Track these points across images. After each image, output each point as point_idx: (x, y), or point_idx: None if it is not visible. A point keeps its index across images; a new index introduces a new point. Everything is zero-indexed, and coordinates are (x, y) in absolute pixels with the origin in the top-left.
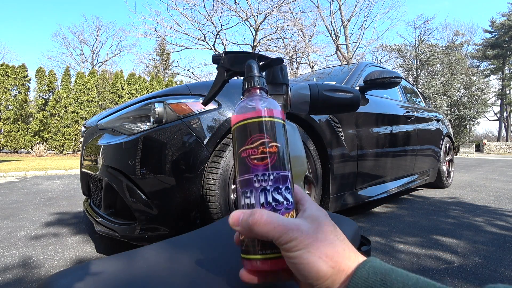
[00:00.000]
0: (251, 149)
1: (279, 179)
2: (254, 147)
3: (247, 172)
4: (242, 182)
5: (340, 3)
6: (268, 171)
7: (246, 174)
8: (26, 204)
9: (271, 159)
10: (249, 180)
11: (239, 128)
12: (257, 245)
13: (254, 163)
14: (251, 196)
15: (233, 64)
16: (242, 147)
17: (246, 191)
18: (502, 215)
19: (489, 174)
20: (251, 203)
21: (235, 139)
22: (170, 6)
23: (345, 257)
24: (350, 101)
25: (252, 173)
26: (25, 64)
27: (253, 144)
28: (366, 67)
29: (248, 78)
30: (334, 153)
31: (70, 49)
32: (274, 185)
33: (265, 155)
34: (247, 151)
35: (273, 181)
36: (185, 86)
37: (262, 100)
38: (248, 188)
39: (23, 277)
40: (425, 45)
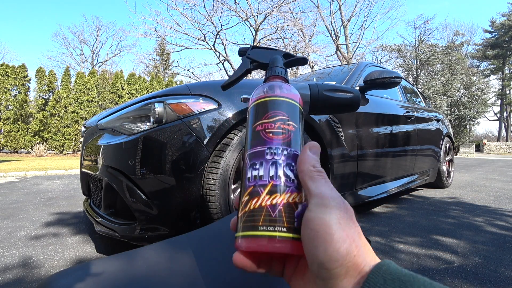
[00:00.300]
0: (268, 123)
1: (292, 157)
2: (272, 122)
3: (261, 144)
4: (252, 154)
5: (340, 3)
6: (282, 146)
7: (259, 146)
8: (26, 204)
9: (287, 135)
10: (261, 152)
11: (257, 104)
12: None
13: (269, 136)
14: (260, 168)
15: (259, 57)
16: (259, 121)
17: (255, 163)
18: (502, 215)
19: (489, 174)
20: (259, 174)
21: (251, 115)
22: (170, 6)
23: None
24: (350, 101)
25: (265, 145)
26: (25, 64)
27: (271, 119)
28: (366, 67)
29: (272, 67)
30: (334, 153)
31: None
32: (287, 161)
33: (281, 130)
34: (264, 125)
35: (286, 157)
36: (185, 86)
37: (285, 85)
38: (258, 160)
39: (23, 277)
40: (425, 45)
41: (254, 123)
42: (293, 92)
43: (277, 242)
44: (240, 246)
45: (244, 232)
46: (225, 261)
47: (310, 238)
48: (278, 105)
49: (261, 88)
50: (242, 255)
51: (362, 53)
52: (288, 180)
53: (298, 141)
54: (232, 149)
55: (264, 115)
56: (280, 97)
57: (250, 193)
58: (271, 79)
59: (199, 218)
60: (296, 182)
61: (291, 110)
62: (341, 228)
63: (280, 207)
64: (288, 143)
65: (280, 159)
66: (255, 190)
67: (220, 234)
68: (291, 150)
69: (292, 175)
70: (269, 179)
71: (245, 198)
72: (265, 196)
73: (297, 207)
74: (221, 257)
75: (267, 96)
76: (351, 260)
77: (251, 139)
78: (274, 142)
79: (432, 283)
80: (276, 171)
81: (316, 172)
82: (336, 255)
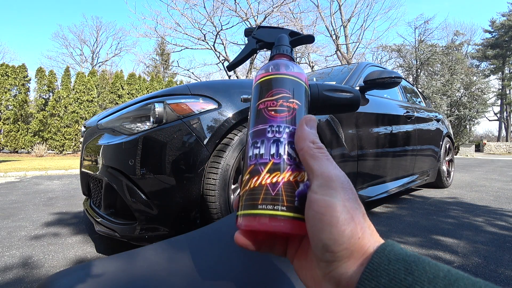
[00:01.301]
0: (270, 101)
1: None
2: (274, 99)
3: (262, 122)
4: (254, 133)
5: (340, 3)
6: (284, 124)
7: (261, 124)
8: (26, 204)
9: (290, 113)
10: (262, 130)
11: (261, 83)
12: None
13: (271, 114)
14: (261, 146)
15: (265, 36)
16: (261, 99)
17: (257, 141)
18: (502, 215)
19: (489, 174)
20: (260, 153)
21: (254, 94)
22: (170, 6)
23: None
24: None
25: (267, 123)
26: (25, 64)
27: (273, 97)
28: (366, 67)
29: (278, 46)
30: (334, 153)
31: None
32: (289, 139)
33: (283, 108)
34: (266, 103)
35: (288, 135)
36: (185, 86)
37: (291, 63)
38: (260, 139)
39: (23, 277)
40: (425, 45)
41: (257, 101)
42: (298, 70)
43: (277, 221)
44: (240, 225)
45: (244, 211)
46: (225, 261)
47: (314, 221)
48: (281, 82)
49: (265, 66)
50: (243, 235)
51: (362, 53)
52: (290, 158)
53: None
54: (232, 149)
55: (267, 93)
56: (284, 75)
57: (251, 172)
58: (276, 58)
59: (199, 218)
60: (297, 160)
61: (295, 88)
62: (346, 210)
63: (281, 186)
64: (290, 120)
65: (281, 137)
66: (256, 168)
67: (220, 234)
68: (293, 128)
69: (293, 153)
70: (270, 157)
71: (246, 177)
72: (265, 174)
73: (298, 186)
74: (221, 257)
75: (271, 74)
76: (356, 242)
77: (254, 118)
78: (276, 120)
79: (437, 264)
80: (277, 149)
81: (317, 149)
82: (341, 238)
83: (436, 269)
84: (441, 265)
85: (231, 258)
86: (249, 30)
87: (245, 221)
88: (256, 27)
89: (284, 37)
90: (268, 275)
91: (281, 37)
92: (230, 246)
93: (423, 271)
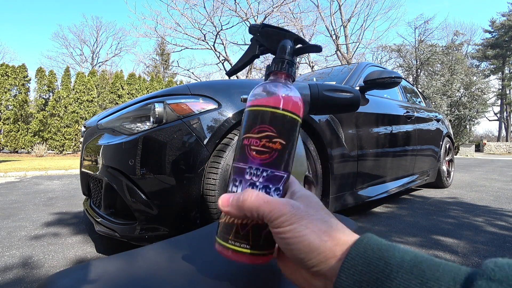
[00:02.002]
0: (254, 139)
1: (271, 178)
2: (257, 138)
3: (243, 161)
4: (236, 168)
5: (340, 3)
6: (263, 167)
7: (242, 162)
8: (26, 204)
9: (271, 155)
10: (242, 169)
11: (250, 112)
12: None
13: (252, 154)
14: (239, 186)
15: (268, 40)
16: (247, 133)
17: (236, 179)
18: (502, 215)
19: (489, 174)
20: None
21: (243, 122)
22: (170, 6)
23: (338, 231)
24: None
25: (247, 163)
26: (25, 64)
27: (258, 135)
28: (366, 67)
29: (277, 59)
30: (334, 153)
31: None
32: (264, 183)
33: (265, 150)
34: (250, 140)
35: (265, 179)
36: (185, 86)
37: (284, 89)
38: (239, 178)
39: (23, 277)
40: (425, 45)
41: (244, 133)
42: (292, 100)
43: (243, 256)
44: (216, 247)
45: (219, 239)
46: (225, 261)
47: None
48: (267, 118)
49: (258, 89)
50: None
51: (362, 53)
52: None
53: (285, 158)
54: (232, 149)
55: (253, 129)
56: (273, 109)
57: None
58: (272, 76)
59: (199, 218)
60: None
61: (283, 124)
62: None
63: (249, 228)
64: (270, 163)
65: (257, 181)
66: None
67: None
68: (272, 172)
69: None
70: None
71: None
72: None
73: (266, 227)
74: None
75: (261, 104)
76: (329, 248)
77: (239, 150)
78: (255, 162)
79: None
80: None
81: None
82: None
83: (404, 253)
84: (410, 250)
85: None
86: (254, 28)
87: (219, 247)
88: (260, 25)
89: (286, 47)
90: (268, 275)
91: (283, 47)
92: None
93: (392, 256)
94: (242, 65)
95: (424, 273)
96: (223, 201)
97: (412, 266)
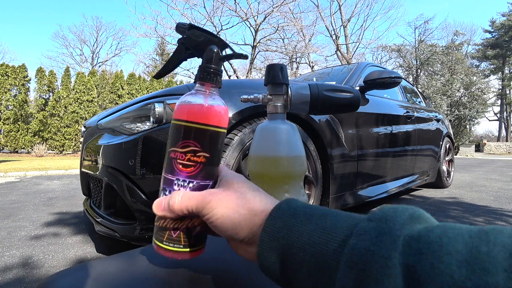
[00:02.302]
0: (180, 153)
1: (197, 188)
2: (183, 152)
3: (171, 173)
4: (165, 179)
5: (340, 3)
6: (189, 179)
7: (170, 174)
8: (26, 204)
9: (195, 168)
10: (171, 181)
11: (174, 125)
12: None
13: (179, 167)
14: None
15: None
16: (173, 147)
17: (166, 189)
18: (502, 215)
19: (489, 174)
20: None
21: (170, 134)
22: (170, 6)
23: (256, 202)
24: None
25: (174, 176)
26: (25, 64)
27: (183, 149)
28: (366, 67)
29: (203, 68)
30: (334, 153)
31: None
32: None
33: (190, 163)
34: (176, 154)
35: (191, 189)
36: (185, 86)
37: (209, 101)
38: (168, 188)
39: (23, 277)
40: (425, 45)
41: (170, 146)
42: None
43: (176, 254)
44: (154, 246)
45: (155, 240)
46: (225, 261)
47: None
48: (192, 134)
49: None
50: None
51: (362, 53)
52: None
53: (210, 169)
54: (232, 149)
55: (178, 143)
56: (197, 125)
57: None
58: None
59: None
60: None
61: (207, 138)
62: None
63: (180, 231)
64: (196, 175)
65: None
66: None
67: None
68: (197, 182)
69: None
70: None
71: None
72: (169, 220)
73: (195, 229)
74: (221, 257)
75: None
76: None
77: (166, 162)
78: (182, 175)
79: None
80: None
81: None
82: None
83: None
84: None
85: (231, 258)
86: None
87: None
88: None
89: (212, 55)
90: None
91: (210, 55)
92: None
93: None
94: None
95: (326, 223)
96: (156, 206)
97: (320, 217)
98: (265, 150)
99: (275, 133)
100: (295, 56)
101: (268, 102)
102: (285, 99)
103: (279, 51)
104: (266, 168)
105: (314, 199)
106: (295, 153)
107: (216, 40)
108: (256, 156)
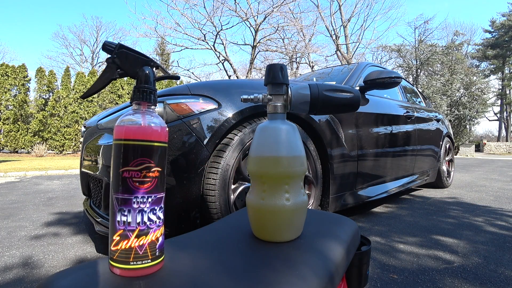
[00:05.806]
0: (135, 171)
1: (156, 201)
2: (138, 170)
3: (128, 192)
4: (121, 200)
5: (340, 3)
6: (147, 195)
7: (126, 194)
8: (26, 204)
9: (152, 183)
10: (128, 200)
11: (124, 145)
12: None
13: (135, 185)
14: (128, 215)
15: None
16: (125, 167)
17: (124, 209)
18: (502, 215)
19: (489, 174)
20: (128, 221)
21: (115, 154)
22: (170, 6)
23: None
24: (350, 101)
25: (132, 194)
26: (25, 64)
27: (137, 167)
28: (366, 67)
29: (140, 89)
30: (334, 153)
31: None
32: (151, 207)
33: (147, 179)
34: (130, 173)
35: (151, 203)
36: (185, 86)
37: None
38: (127, 207)
39: (23, 277)
40: (425, 45)
41: (120, 166)
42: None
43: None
44: (116, 272)
45: (119, 264)
46: (225, 261)
47: None
48: (145, 152)
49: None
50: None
51: (362, 53)
52: (152, 223)
53: (163, 181)
54: (232, 149)
55: (131, 162)
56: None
57: (121, 235)
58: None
59: (199, 218)
60: (157, 221)
61: (157, 154)
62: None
63: (146, 246)
64: (153, 190)
65: (145, 207)
66: (125, 233)
67: (220, 234)
68: (155, 196)
69: (155, 217)
70: (136, 225)
71: (116, 238)
72: (133, 239)
73: (158, 240)
74: (221, 257)
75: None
76: None
77: (118, 182)
78: (140, 192)
79: None
80: (142, 218)
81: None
82: None
83: None
84: None
85: (231, 258)
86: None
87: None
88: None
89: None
90: (268, 275)
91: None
92: (230, 246)
93: None
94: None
95: None
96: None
97: None
98: (265, 150)
99: (275, 133)
100: (295, 56)
101: (268, 102)
102: (285, 99)
103: (279, 51)
104: (266, 168)
105: (314, 199)
106: (295, 153)
107: (147, 60)
108: (256, 156)
